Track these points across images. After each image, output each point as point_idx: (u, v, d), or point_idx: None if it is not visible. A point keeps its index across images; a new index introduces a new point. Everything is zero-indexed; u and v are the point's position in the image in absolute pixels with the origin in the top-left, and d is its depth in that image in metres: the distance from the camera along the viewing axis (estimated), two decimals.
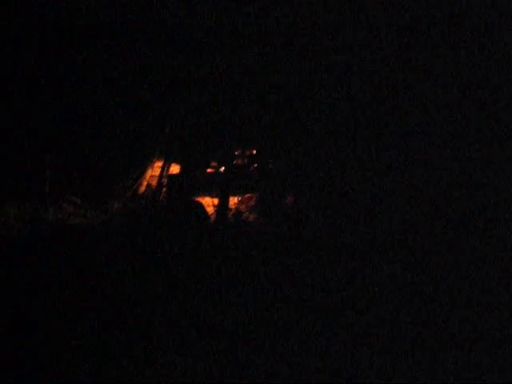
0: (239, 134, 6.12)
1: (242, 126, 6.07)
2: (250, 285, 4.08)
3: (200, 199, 6.10)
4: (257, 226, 5.81)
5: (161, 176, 5.95)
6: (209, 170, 6.31)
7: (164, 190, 5.97)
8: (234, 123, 6.02)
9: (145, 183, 6.12)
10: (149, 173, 6.16)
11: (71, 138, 5.87)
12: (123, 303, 3.70)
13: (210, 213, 5.94)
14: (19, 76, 5.58)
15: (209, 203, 6.11)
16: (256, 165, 6.29)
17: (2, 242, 4.84)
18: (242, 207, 6.10)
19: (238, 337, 3.27)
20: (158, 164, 6.18)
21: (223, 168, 6.19)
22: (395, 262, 4.50)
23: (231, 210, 6.03)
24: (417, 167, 5.69)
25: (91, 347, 3.09)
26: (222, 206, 5.83)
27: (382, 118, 5.82)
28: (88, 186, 5.86)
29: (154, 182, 6.11)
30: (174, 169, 6.21)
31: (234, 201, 6.17)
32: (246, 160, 6.41)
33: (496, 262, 4.22)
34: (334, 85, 5.95)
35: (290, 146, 6.06)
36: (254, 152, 6.41)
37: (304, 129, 5.99)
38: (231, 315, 3.54)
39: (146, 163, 6.13)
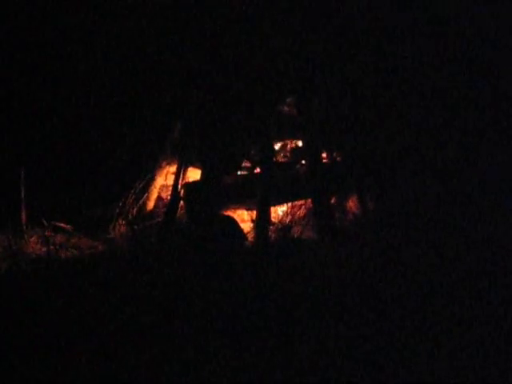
0: (278, 119, 4.79)
1: (282, 108, 4.76)
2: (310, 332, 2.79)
3: (231, 213, 4.91)
4: (312, 244, 4.51)
5: (175, 185, 4.68)
6: (241, 173, 5.08)
7: (181, 203, 4.74)
8: (271, 105, 4.68)
9: (154, 196, 4.95)
10: (158, 182, 4.94)
11: (51, 143, 4.61)
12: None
13: (246, 231, 4.74)
14: None
15: (243, 218, 5.00)
16: (304, 161, 4.92)
17: None
18: (289, 220, 4.86)
19: None
20: (171, 169, 4.94)
21: (260, 169, 4.92)
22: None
23: (274, 224, 4.83)
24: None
25: None
26: (262, 221, 4.55)
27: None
28: (79, 207, 4.70)
29: (167, 194, 4.94)
30: (194, 174, 4.98)
31: (277, 212, 5.01)
32: (289, 155, 5.13)
33: None
34: None
35: (351, 130, 4.73)
36: (300, 144, 5.06)
37: (370, 106, 4.63)
38: None
39: (154, 169, 4.88)
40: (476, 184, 4.78)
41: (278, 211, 5.01)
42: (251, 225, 4.79)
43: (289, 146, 5.20)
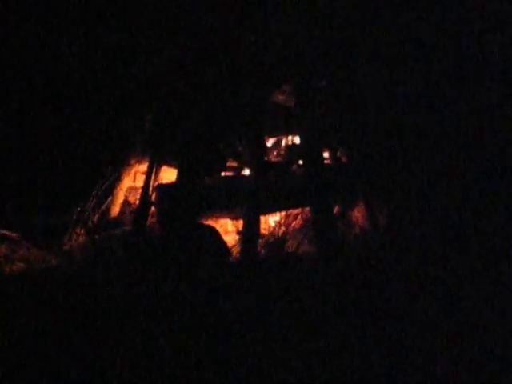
0: (271, 111, 4.33)
1: (276, 97, 4.26)
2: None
3: (213, 222, 4.48)
4: (309, 262, 4.09)
5: (146, 187, 4.23)
6: (225, 175, 4.67)
7: (152, 209, 4.31)
8: (262, 93, 4.15)
9: (120, 200, 4.56)
10: (125, 183, 4.53)
11: None
12: None
13: (229, 244, 4.33)
14: None
15: (227, 228, 4.62)
16: (302, 161, 4.47)
17: None
18: (282, 232, 4.46)
19: None
20: (141, 168, 4.55)
21: (248, 170, 4.50)
22: None
23: (264, 237, 4.44)
24: None
25: None
26: (250, 232, 4.06)
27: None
28: (28, 213, 4.31)
29: (136, 198, 4.55)
30: (168, 174, 4.56)
31: (267, 222, 4.65)
32: (284, 154, 4.70)
33: None
34: None
35: (358, 125, 4.19)
36: (298, 140, 4.64)
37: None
38: None
39: (121, 167, 4.48)
40: (492, 192, 4.22)
41: (270, 221, 4.63)
42: (236, 237, 4.40)
43: (283, 143, 4.82)
